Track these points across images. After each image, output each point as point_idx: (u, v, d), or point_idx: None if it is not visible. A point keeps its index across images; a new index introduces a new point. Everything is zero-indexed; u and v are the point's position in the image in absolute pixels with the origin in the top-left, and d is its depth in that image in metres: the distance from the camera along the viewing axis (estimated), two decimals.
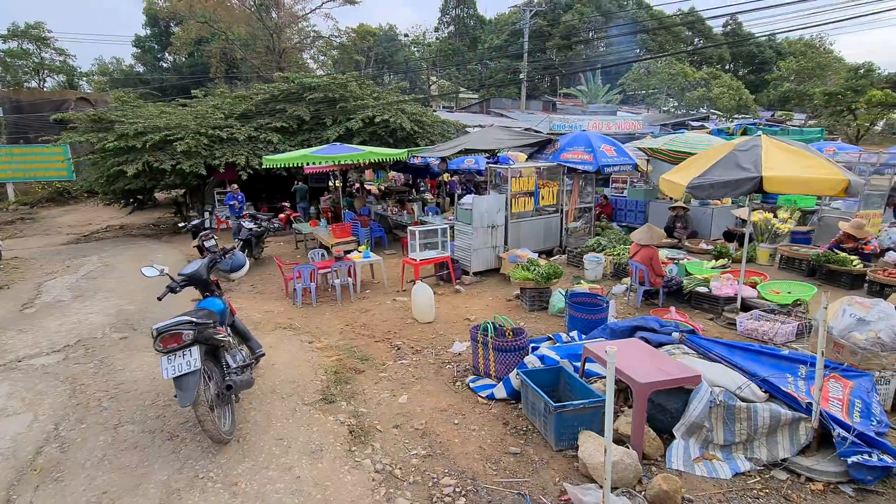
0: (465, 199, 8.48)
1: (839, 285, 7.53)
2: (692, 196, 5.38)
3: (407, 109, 15.27)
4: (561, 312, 6.36)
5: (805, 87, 43.93)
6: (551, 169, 9.27)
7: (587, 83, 43.42)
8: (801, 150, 5.16)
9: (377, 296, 7.70)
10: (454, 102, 43.64)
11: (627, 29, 48.76)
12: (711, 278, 6.86)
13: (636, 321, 4.65)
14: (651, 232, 6.67)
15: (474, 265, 8.38)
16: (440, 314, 6.55)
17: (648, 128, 26.23)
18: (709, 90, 39.26)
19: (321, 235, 10.01)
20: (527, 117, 27.73)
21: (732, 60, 55.79)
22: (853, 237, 8.08)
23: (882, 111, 36.75)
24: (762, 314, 5.85)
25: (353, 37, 37.58)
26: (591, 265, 8.07)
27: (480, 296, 7.56)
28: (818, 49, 53.14)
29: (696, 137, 11.00)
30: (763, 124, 28.77)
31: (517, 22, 43.97)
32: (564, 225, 9.58)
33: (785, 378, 3.49)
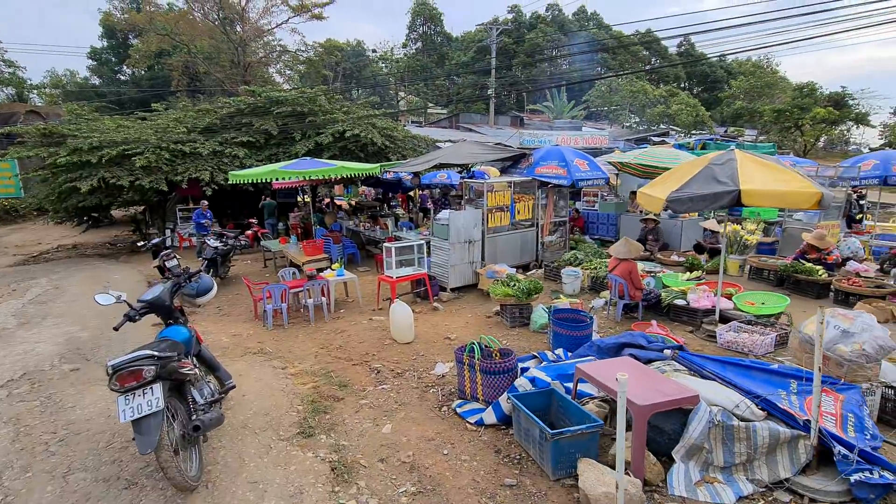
0: (441, 215, 8.34)
1: (806, 295, 7.74)
2: (671, 209, 5.39)
3: (378, 124, 15.11)
4: (543, 329, 6.25)
5: (755, 105, 46.59)
6: (526, 183, 9.26)
7: (553, 99, 44.54)
8: (774, 164, 5.26)
9: (352, 315, 7.41)
10: (423, 117, 43.85)
11: (589, 48, 50.50)
12: (688, 291, 6.92)
13: (623, 338, 4.56)
14: (629, 245, 6.67)
15: (452, 281, 8.21)
16: (419, 333, 6.33)
17: (613, 143, 26.91)
18: (668, 107, 40.90)
19: (291, 253, 9.64)
20: (496, 132, 28.05)
21: (688, 79, 58.42)
22: (816, 248, 8.35)
23: (825, 127, 39.19)
24: (740, 325, 5.90)
25: (320, 52, 37.31)
26: (570, 279, 8.03)
27: (459, 313, 7.39)
28: (765, 69, 56.38)
29: (664, 152, 11.25)
30: (719, 139, 30.03)
31: (483, 39, 44.80)
32: (540, 239, 9.56)
33: (778, 394, 3.45)
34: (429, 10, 51.24)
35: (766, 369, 3.64)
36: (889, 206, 18.26)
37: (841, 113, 38.10)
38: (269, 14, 30.01)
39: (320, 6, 29.34)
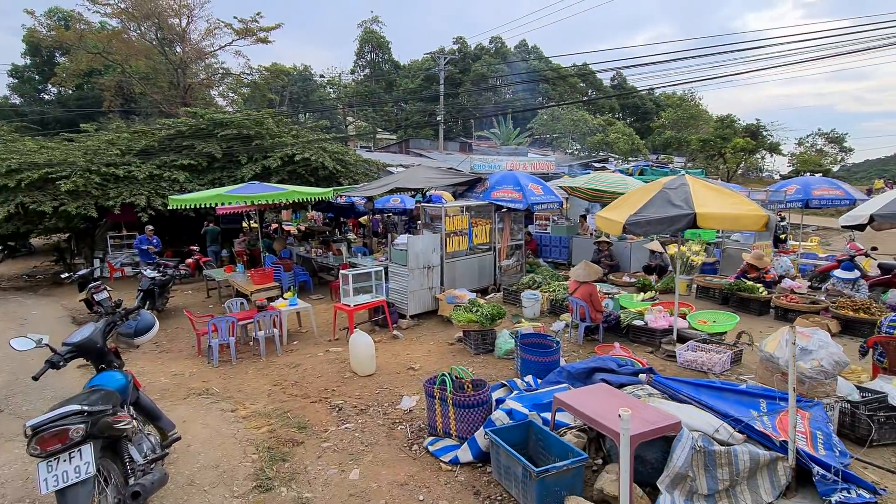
0: (399, 240, 8.14)
1: (749, 312, 8.14)
2: (630, 232, 5.50)
3: (328, 148, 14.80)
4: (508, 355, 6.14)
5: (682, 135, 50.49)
6: (483, 207, 9.27)
7: (499, 126, 45.95)
8: (723, 189, 5.51)
9: (307, 347, 6.98)
10: (372, 142, 43.79)
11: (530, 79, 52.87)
12: (645, 311, 7.07)
13: (593, 362, 4.52)
14: (589, 268, 6.75)
15: (411, 308, 7.98)
16: (381, 364, 6.02)
17: (559, 168, 27.93)
18: (606, 135, 43.29)
19: (238, 282, 9.06)
20: (445, 158, 28.35)
21: (621, 110, 62.27)
22: (755, 267, 8.86)
23: (744, 155, 42.85)
24: (697, 344, 6.05)
25: (265, 75, 36.57)
26: (529, 303, 8.02)
27: (421, 340, 7.14)
28: (690, 103, 61.32)
29: (613, 177, 11.70)
30: (654, 166, 31.98)
31: (431, 68, 45.78)
32: (498, 263, 9.55)
33: (750, 414, 3.48)
34: (376, 38, 51.85)
35: (735, 390, 3.69)
36: (806, 227, 19.95)
37: (757, 142, 41.95)
38: (212, 36, 29.14)
39: (266, 30, 28.87)
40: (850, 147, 51.21)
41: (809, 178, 13.34)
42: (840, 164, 51.59)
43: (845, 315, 7.13)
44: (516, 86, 55.62)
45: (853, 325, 7.07)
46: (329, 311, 8.69)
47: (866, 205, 7.90)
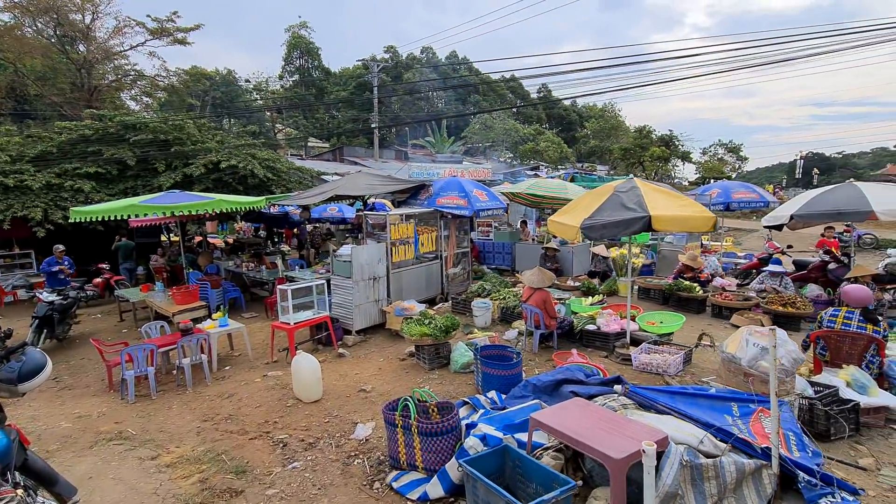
0: (342, 250, 7.61)
1: (688, 310, 8.41)
2: (586, 236, 5.41)
3: (258, 155, 13.85)
4: (465, 368, 5.83)
5: (605, 144, 53.62)
6: (429, 215, 8.95)
7: (434, 135, 46.13)
8: (671, 192, 5.58)
9: (242, 373, 6.27)
10: (303, 151, 42.26)
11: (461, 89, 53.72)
12: (596, 315, 7.06)
13: (560, 373, 4.32)
14: (542, 274, 6.62)
15: (357, 323, 7.47)
16: (328, 387, 5.49)
17: (494, 176, 28.32)
18: (537, 144, 44.80)
19: (158, 303, 8.08)
20: (381, 166, 27.81)
21: (548, 120, 64.92)
22: (691, 268, 9.23)
23: (660, 164, 46.10)
24: (651, 347, 6.08)
25: (184, 79, 34.13)
26: (480, 311, 7.79)
27: (369, 358, 6.66)
28: (610, 114, 65.24)
29: (554, 183, 11.86)
30: (584, 173, 33.39)
31: (363, 75, 45.08)
32: (445, 271, 9.26)
33: (724, 419, 3.39)
34: (305, 44, 50.33)
35: (707, 395, 3.61)
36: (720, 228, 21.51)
37: (670, 151, 45.35)
38: (122, 35, 26.69)
39: (184, 31, 26.90)
40: (745, 156, 56.49)
41: (728, 182, 14.33)
42: (737, 172, 56.83)
43: (775, 310, 7.54)
44: (448, 95, 56.34)
45: (783, 320, 7.49)
46: (265, 331, 7.96)
47: (786, 205, 8.47)
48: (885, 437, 4.02)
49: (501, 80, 60.77)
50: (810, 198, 8.02)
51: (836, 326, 4.75)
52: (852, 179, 8.48)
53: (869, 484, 3.32)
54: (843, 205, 7.41)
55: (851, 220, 7.43)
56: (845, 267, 8.53)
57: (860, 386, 4.14)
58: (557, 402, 4.13)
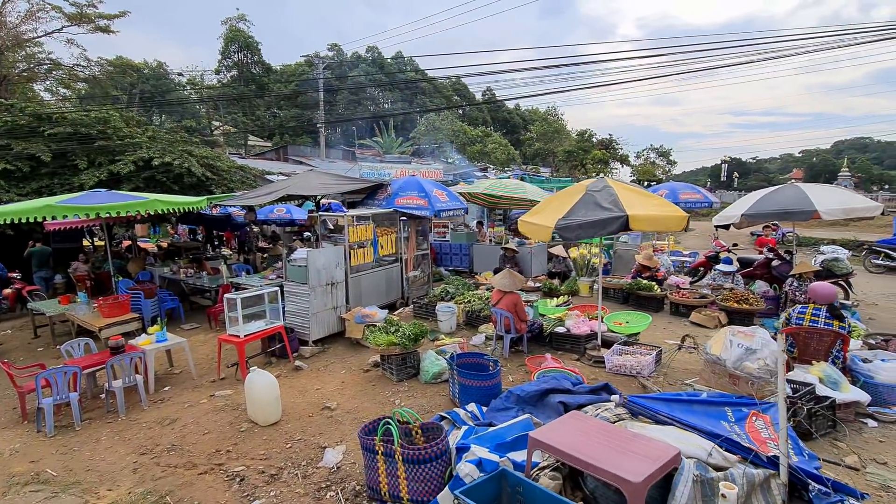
0: (297, 255, 7.03)
1: (648, 308, 8.52)
2: (561, 237, 5.23)
3: (196, 152, 12.79)
4: (436, 378, 5.48)
5: (549, 147, 55.20)
6: (388, 216, 8.52)
7: (381, 135, 45.43)
8: (642, 191, 5.52)
9: (185, 393, 5.59)
10: (243, 149, 40.23)
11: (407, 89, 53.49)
12: (565, 317, 6.94)
13: (545, 383, 4.08)
14: (513, 277, 6.41)
15: (315, 332, 6.93)
16: (287, 406, 4.96)
17: (445, 177, 28.16)
18: (484, 145, 45.24)
19: (81, 316, 7.14)
20: (328, 165, 26.88)
21: (493, 123, 65.95)
22: (647, 267, 9.39)
23: (601, 167, 48.02)
24: (622, 348, 6.01)
25: (109, 70, 31.37)
26: (445, 316, 7.47)
27: (330, 370, 6.16)
28: (553, 117, 67.23)
29: (511, 183, 11.77)
30: (533, 175, 33.98)
31: (306, 72, 43.59)
32: (405, 275, 8.87)
33: (721, 425, 3.27)
34: (244, 38, 47.99)
35: (700, 401, 3.49)
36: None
37: (610, 154, 47.32)
38: (35, 20, 24.05)
39: (107, 18, 24.65)
40: (674, 160, 59.95)
41: (675, 183, 14.87)
42: (667, 175, 60.23)
43: (731, 307, 7.76)
44: (395, 96, 55.80)
45: (738, 316, 7.73)
46: (209, 344, 7.25)
47: (736, 205, 8.77)
48: (858, 432, 4.09)
49: (447, 80, 61.02)
50: (757, 198, 8.34)
51: (804, 323, 4.84)
52: (793, 181, 8.94)
53: (859, 483, 3.32)
54: (790, 205, 7.74)
55: (797, 219, 7.77)
56: (788, 264, 8.98)
57: (832, 382, 4.20)
58: (545, 414, 3.89)
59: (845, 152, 78.30)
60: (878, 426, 4.20)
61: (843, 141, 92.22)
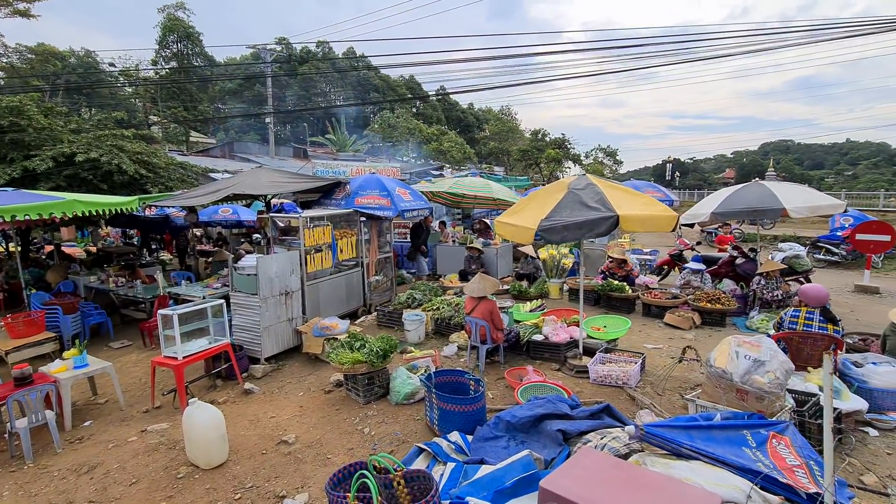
0: (245, 261, 6.22)
1: (620, 310, 8.30)
2: (544, 239, 4.78)
3: (128, 147, 11.51)
4: (409, 399, 4.90)
5: (504, 146, 55.62)
6: (348, 216, 7.83)
7: (334, 132, 44.04)
8: (628, 189, 5.17)
9: (110, 429, 4.72)
10: (185, 145, 37.78)
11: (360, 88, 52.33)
12: (541, 323, 6.53)
13: (540, 407, 3.59)
14: (485, 282, 5.90)
15: (267, 349, 6.16)
16: (235, 441, 4.24)
17: (403, 175, 27.46)
18: (441, 144, 44.84)
19: None
20: (279, 163, 25.55)
21: (448, 122, 65.78)
22: (619, 266, 9.17)
23: (555, 165, 48.78)
24: (604, 356, 5.65)
25: (29, 58, 28.53)
26: (413, 325, 6.89)
27: (286, 392, 5.44)
28: (507, 117, 67.83)
29: (476, 181, 11.32)
30: (490, 173, 33.87)
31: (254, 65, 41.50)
32: (367, 280, 8.21)
33: (743, 452, 2.90)
34: (184, 28, 45.15)
35: (718, 426, 3.09)
36: None
37: (563, 153, 48.14)
38: None
39: (27, 0, 22.24)
40: (620, 160, 61.92)
41: (637, 181, 14.91)
42: (614, 174, 62.19)
43: (703, 307, 7.63)
44: (347, 94, 54.37)
45: (711, 316, 7.61)
46: (141, 365, 6.34)
47: (704, 203, 8.69)
48: (863, 444, 3.88)
49: (401, 78, 60.25)
50: (725, 196, 8.27)
51: (797, 328, 4.63)
52: (758, 179, 8.98)
53: None
54: (759, 203, 7.70)
55: (767, 217, 7.77)
56: (752, 262, 9.01)
57: (834, 391, 3.96)
58: (540, 444, 3.41)
59: (771, 153, 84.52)
60: (880, 435, 4.02)
61: (768, 143, 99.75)
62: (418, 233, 10.93)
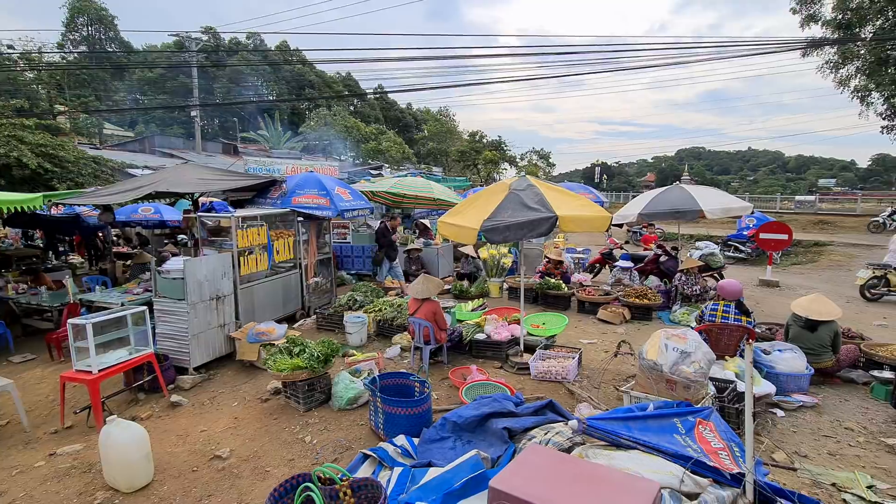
0: (170, 264, 5.77)
1: (557, 307, 8.61)
2: (487, 239, 4.85)
3: (28, 139, 10.36)
4: (352, 404, 4.77)
5: (443, 147, 56.08)
6: (284, 216, 7.52)
7: (267, 128, 42.23)
8: (565, 190, 5.36)
9: (12, 454, 4.22)
10: (97, 139, 34.67)
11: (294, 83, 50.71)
12: (483, 322, 6.63)
13: (486, 405, 3.63)
14: (428, 283, 5.88)
15: (196, 357, 5.77)
16: (162, 460, 3.92)
17: (341, 174, 26.88)
18: (379, 143, 44.36)
19: None
20: (206, 160, 24.10)
21: (386, 122, 65.30)
22: (556, 265, 9.51)
23: (492, 167, 49.86)
24: (544, 353, 5.83)
25: None
26: (355, 328, 6.73)
27: (218, 403, 5.12)
28: (445, 117, 68.41)
29: (417, 181, 11.28)
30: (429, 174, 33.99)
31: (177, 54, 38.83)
32: (306, 282, 7.92)
33: (674, 439, 3.09)
34: (95, 10, 41.49)
35: (651, 415, 3.27)
36: None
37: (500, 155, 49.33)
38: None
39: None
40: (553, 162, 64.49)
41: (570, 183, 15.56)
42: (547, 177, 64.65)
43: (633, 302, 8.09)
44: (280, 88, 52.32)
45: (639, 311, 8.08)
46: (48, 381, 5.74)
47: (632, 205, 9.21)
48: (773, 424, 4.27)
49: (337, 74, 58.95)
50: (650, 199, 8.83)
51: (716, 320, 5.02)
52: (678, 182, 9.65)
53: (794, 482, 3.36)
54: (680, 205, 8.28)
55: (687, 218, 8.35)
56: (674, 259, 9.68)
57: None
58: (487, 443, 3.44)
59: (685, 159, 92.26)
60: (786, 415, 4.44)
61: (684, 149, 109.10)
62: (385, 236, 10.08)
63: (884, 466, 3.61)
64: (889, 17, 17.33)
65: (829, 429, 4.21)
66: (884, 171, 69.26)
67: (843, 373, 5.23)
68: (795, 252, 16.44)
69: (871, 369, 5.12)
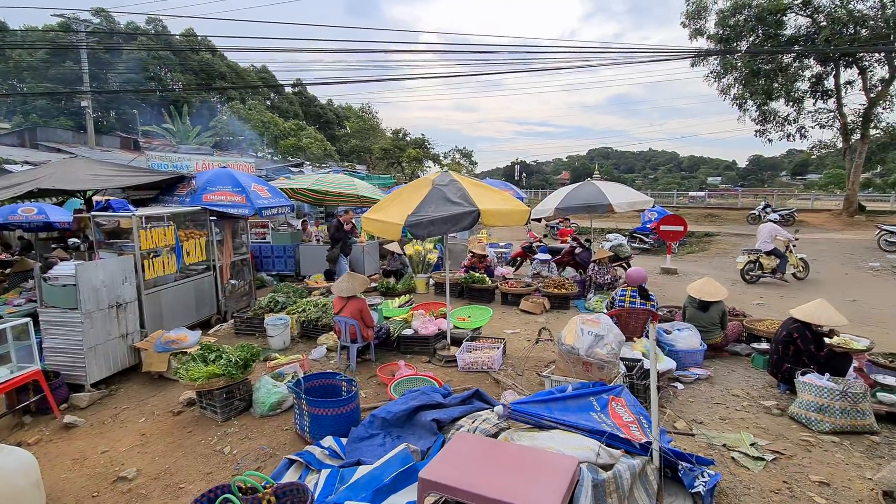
0: (58, 269, 5.15)
1: (482, 300, 8.84)
2: (412, 234, 4.86)
3: None
4: (275, 409, 4.58)
5: (365, 144, 55.29)
6: (194, 215, 7.02)
7: (174, 122, 39.08)
8: (486, 185, 5.51)
9: None
10: None
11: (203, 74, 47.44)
12: (411, 318, 6.65)
13: (414, 399, 3.65)
14: (354, 281, 5.79)
15: (94, 372, 5.23)
16: (56, 486, 3.52)
17: (258, 171, 25.57)
18: (299, 140, 42.75)
19: None
20: (101, 155, 21.79)
21: (306, 118, 63.13)
22: (480, 260, 9.75)
23: (416, 165, 50.04)
24: (471, 344, 5.97)
25: None
26: (277, 330, 6.46)
27: (122, 420, 4.68)
28: (368, 114, 67.43)
29: (339, 178, 11.03)
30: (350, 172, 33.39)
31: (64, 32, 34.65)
32: (221, 285, 7.46)
33: (591, 416, 3.31)
34: None
35: (570, 396, 3.47)
36: None
37: (423, 153, 49.61)
38: None
39: None
40: (475, 161, 66.07)
41: (492, 180, 15.99)
42: (470, 174, 66.08)
43: (552, 292, 8.51)
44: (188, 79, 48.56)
45: (557, 300, 8.51)
46: None
47: (549, 200, 9.67)
48: (675, 396, 4.70)
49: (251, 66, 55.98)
50: (565, 194, 9.34)
51: (625, 305, 5.43)
52: (590, 178, 10.29)
53: (692, 446, 3.73)
54: (592, 200, 8.84)
55: (598, 212, 8.93)
56: (587, 251, 10.31)
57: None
58: (416, 436, 3.47)
59: (596, 158, 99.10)
60: (685, 388, 4.92)
61: (594, 149, 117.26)
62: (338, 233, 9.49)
63: (763, 426, 4.12)
64: (759, 34, 19.67)
65: (720, 397, 4.73)
66: (758, 170, 79.17)
67: (730, 347, 5.90)
68: (690, 242, 18.19)
69: (752, 342, 5.82)
